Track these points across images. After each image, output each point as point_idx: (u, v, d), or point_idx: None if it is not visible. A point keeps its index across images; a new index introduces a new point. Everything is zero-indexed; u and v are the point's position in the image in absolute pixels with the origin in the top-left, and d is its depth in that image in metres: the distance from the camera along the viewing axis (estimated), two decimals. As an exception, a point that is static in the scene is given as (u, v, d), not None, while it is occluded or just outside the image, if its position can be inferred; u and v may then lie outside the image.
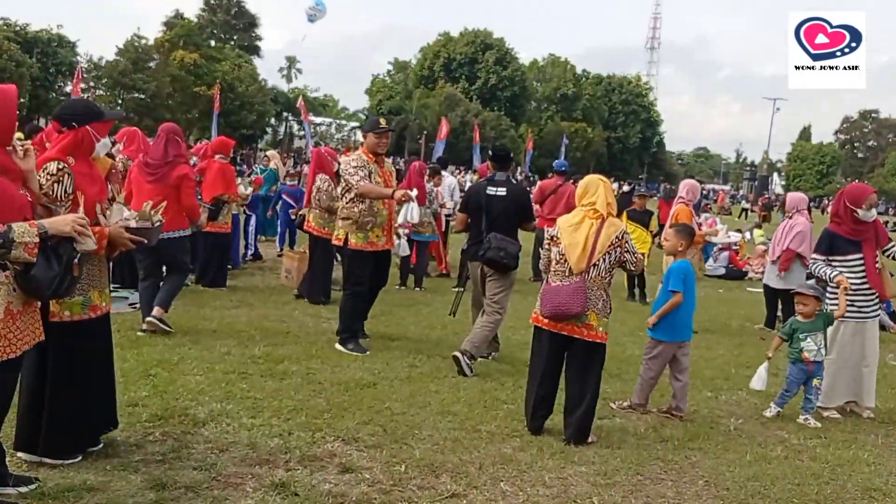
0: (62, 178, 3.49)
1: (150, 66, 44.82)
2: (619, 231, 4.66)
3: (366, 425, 4.55)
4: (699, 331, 8.28)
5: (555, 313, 4.57)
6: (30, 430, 3.61)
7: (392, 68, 75.05)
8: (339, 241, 6.41)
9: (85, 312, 3.68)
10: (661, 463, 4.38)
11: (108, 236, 3.59)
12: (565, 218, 4.80)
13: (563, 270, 4.63)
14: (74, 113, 3.67)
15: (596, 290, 4.59)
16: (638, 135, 77.79)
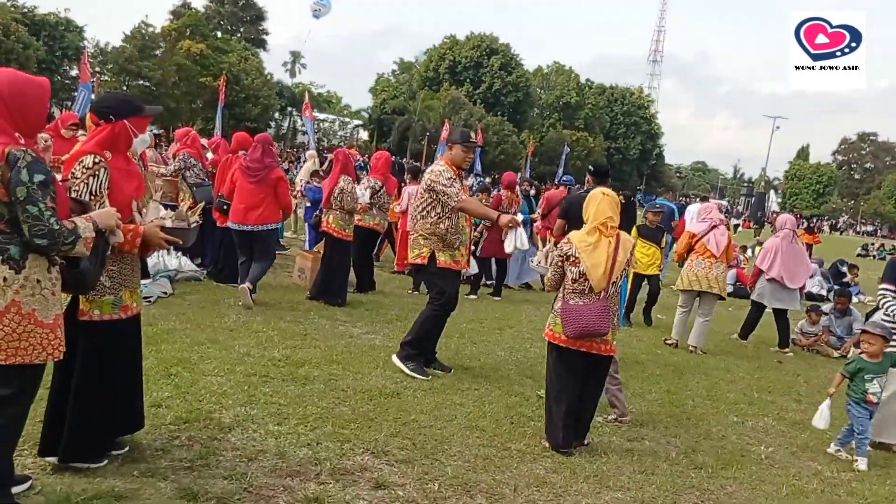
0: (98, 172, 3.36)
1: (156, 54, 44.43)
2: (632, 247, 4.73)
3: (394, 438, 4.42)
4: (718, 353, 8.21)
5: (582, 334, 4.53)
6: (55, 433, 3.46)
7: (397, 68, 74.92)
8: (423, 260, 5.84)
9: (115, 312, 3.54)
10: (698, 492, 4.26)
11: (142, 235, 3.46)
12: (579, 237, 4.66)
13: (581, 289, 4.58)
14: (111, 106, 3.52)
15: (613, 306, 4.64)
16: (638, 146, 77.88)
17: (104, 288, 3.44)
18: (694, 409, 5.93)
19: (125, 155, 3.56)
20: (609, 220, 4.61)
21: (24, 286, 2.85)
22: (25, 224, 2.77)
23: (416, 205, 5.97)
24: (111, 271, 3.46)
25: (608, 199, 4.69)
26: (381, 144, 59.17)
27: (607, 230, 4.60)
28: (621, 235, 4.64)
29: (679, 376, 6.91)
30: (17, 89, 2.88)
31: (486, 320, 8.27)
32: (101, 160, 3.38)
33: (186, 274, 8.30)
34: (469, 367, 6.25)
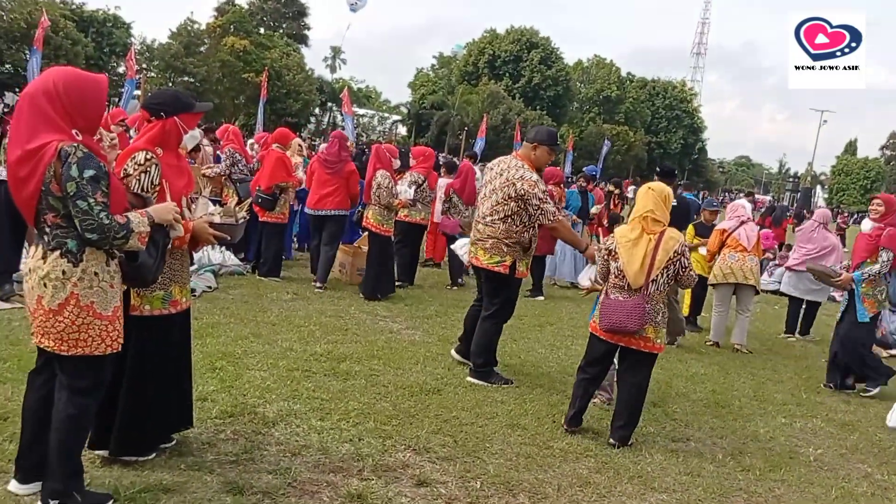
0: (150, 169, 3.39)
1: (200, 50, 45.07)
2: (678, 245, 4.56)
3: (435, 435, 4.41)
4: (764, 352, 8.05)
5: (613, 329, 4.60)
6: (104, 427, 3.52)
7: (436, 62, 74.87)
8: (505, 269, 5.48)
9: (165, 307, 3.58)
10: (745, 495, 4.18)
11: (192, 230, 3.50)
12: (623, 232, 4.68)
13: (622, 285, 4.60)
14: (163, 102, 3.55)
15: (655, 304, 4.58)
16: (680, 141, 76.69)
17: (154, 283, 3.49)
18: (741, 409, 5.83)
19: (176, 151, 3.60)
20: (650, 214, 4.56)
21: (81, 279, 2.91)
22: (76, 218, 2.83)
23: (493, 207, 5.45)
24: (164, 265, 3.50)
25: (652, 193, 4.65)
26: (420, 139, 59.28)
27: (649, 226, 4.55)
28: (666, 234, 4.55)
29: (724, 376, 6.79)
30: (75, 87, 2.93)
31: (527, 317, 8.22)
32: (153, 156, 3.42)
33: (230, 268, 8.41)
34: (509, 364, 6.22)
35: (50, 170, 2.82)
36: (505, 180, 5.43)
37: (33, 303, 2.94)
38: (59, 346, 2.94)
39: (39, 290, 2.90)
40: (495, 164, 5.69)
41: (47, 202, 2.86)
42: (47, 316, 2.91)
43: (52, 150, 2.81)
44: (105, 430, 3.51)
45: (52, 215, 2.87)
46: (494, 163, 5.73)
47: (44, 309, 2.91)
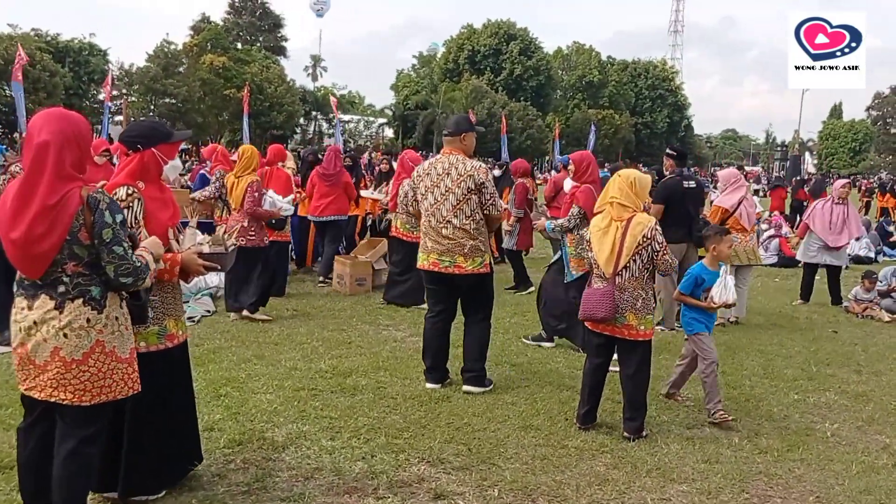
0: (132, 204, 3.31)
1: (179, 70, 44.99)
2: (647, 229, 4.52)
3: (449, 444, 4.36)
4: (769, 327, 8.00)
5: (586, 317, 4.65)
6: (111, 468, 3.44)
7: (417, 62, 74.79)
8: (487, 269, 5.41)
9: (161, 342, 3.49)
10: (766, 478, 4.13)
11: (181, 262, 3.43)
12: (595, 222, 4.72)
13: (599, 274, 4.64)
14: (139, 135, 3.46)
15: (633, 291, 4.56)
16: (665, 119, 76.72)
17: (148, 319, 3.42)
18: (752, 389, 5.78)
19: (159, 183, 3.52)
20: (615, 200, 4.58)
21: (106, 325, 2.90)
22: (111, 265, 2.82)
23: (455, 207, 5.23)
24: (153, 301, 3.41)
25: (618, 180, 4.67)
26: (407, 140, 59.20)
27: (616, 213, 4.57)
28: (634, 220, 4.53)
29: (733, 356, 6.74)
30: (85, 130, 2.93)
31: (529, 313, 8.15)
32: (135, 191, 3.34)
33: (228, 290, 8.32)
34: (517, 363, 6.17)
35: (79, 219, 2.78)
36: (457, 176, 5.21)
37: (45, 356, 2.85)
38: (81, 398, 2.88)
39: (56, 341, 2.83)
40: (430, 166, 5.39)
41: (71, 251, 2.81)
42: (68, 368, 2.84)
43: (76, 199, 2.77)
44: (111, 471, 3.44)
45: (73, 264, 2.83)
46: (428, 166, 5.42)
47: (63, 361, 2.84)
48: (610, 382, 5.06)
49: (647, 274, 4.61)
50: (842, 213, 9.19)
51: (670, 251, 7.39)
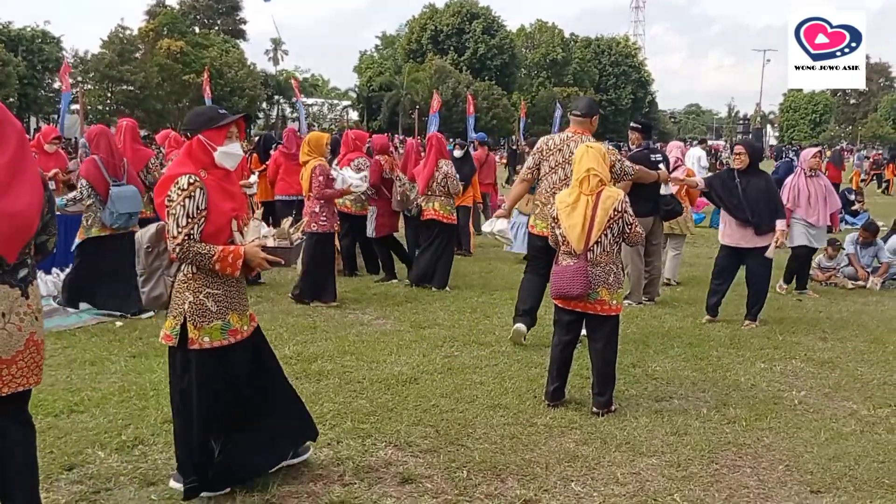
0: (193, 193, 3.17)
1: (136, 56, 43.93)
2: (618, 202, 4.48)
3: (416, 427, 4.28)
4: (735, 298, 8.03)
5: (560, 295, 4.57)
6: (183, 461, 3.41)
7: (380, 43, 74.07)
8: None
9: (224, 337, 3.33)
10: (735, 448, 4.12)
11: (244, 256, 3.25)
12: (562, 198, 4.63)
13: (569, 251, 4.55)
14: (186, 122, 3.44)
15: (605, 266, 4.51)
16: (630, 96, 77.01)
17: (211, 313, 3.28)
18: (719, 359, 5.78)
19: (222, 172, 3.33)
20: (591, 172, 4.48)
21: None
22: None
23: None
24: (216, 295, 3.29)
25: (591, 150, 4.58)
26: (372, 122, 58.73)
27: (589, 186, 4.47)
28: (603, 192, 4.47)
29: (699, 328, 6.76)
30: None
31: (497, 291, 8.11)
32: (196, 180, 3.19)
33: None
34: (485, 342, 6.10)
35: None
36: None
37: (19, 345, 2.67)
38: (39, 377, 2.80)
39: (32, 327, 2.71)
40: (563, 143, 5.80)
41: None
42: (39, 349, 2.75)
43: None
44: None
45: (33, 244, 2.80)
46: (560, 142, 5.81)
47: (36, 344, 2.74)
48: (579, 358, 5.03)
49: (617, 248, 4.57)
50: (816, 186, 8.21)
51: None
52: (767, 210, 6.72)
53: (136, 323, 6.49)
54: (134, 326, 6.36)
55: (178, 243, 3.16)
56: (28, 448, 2.83)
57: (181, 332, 3.26)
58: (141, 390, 4.76)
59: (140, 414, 4.38)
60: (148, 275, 3.36)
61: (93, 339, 5.95)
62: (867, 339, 6.46)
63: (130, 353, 5.58)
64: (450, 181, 8.23)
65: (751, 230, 6.74)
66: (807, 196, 8.07)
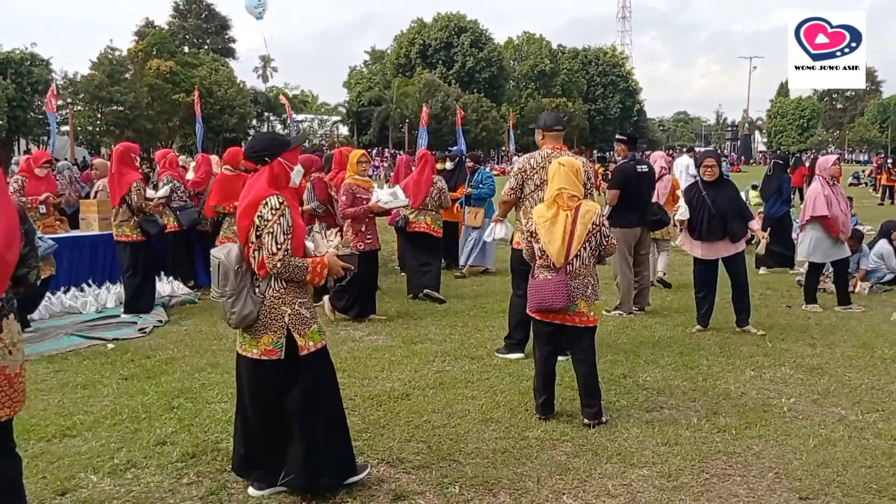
0: (284, 212, 3.44)
1: (126, 77, 43.97)
2: (596, 216, 4.58)
3: (408, 443, 4.30)
4: (724, 305, 8.06)
5: (541, 308, 4.62)
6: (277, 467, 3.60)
7: (369, 59, 74.34)
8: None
9: (322, 338, 3.68)
10: (725, 457, 4.15)
11: (328, 264, 3.56)
12: (540, 211, 4.68)
13: (547, 265, 4.61)
14: (264, 148, 3.59)
15: (583, 279, 4.59)
16: (618, 105, 77.54)
17: (308, 320, 3.56)
18: (709, 368, 5.82)
19: (291, 191, 3.63)
20: (563, 191, 4.56)
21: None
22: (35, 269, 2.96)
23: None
24: (306, 303, 3.58)
25: (563, 169, 4.65)
26: (363, 137, 58.88)
27: (564, 202, 4.56)
28: (582, 207, 4.56)
29: (689, 336, 6.81)
30: None
31: (489, 304, 8.15)
32: (284, 200, 3.46)
33: (181, 298, 8.16)
34: (476, 356, 6.13)
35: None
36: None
37: None
38: (14, 409, 2.76)
39: (4, 360, 2.69)
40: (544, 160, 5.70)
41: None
42: (11, 382, 2.72)
43: None
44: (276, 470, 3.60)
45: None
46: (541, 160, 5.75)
47: (9, 378, 2.71)
48: (570, 370, 5.05)
49: (594, 260, 4.65)
50: (839, 195, 7.84)
51: (626, 235, 7.64)
52: (741, 216, 6.87)
53: (128, 345, 6.49)
54: (125, 349, 6.36)
55: (280, 259, 3.40)
56: (8, 477, 2.81)
57: (287, 344, 3.49)
58: (133, 413, 4.77)
59: (132, 437, 4.38)
60: (237, 295, 3.48)
61: (84, 362, 5.95)
62: (855, 344, 6.51)
63: (122, 376, 5.59)
64: (443, 196, 8.58)
65: (727, 240, 6.83)
66: (836, 205, 7.71)
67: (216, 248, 3.63)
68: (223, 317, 3.54)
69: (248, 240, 3.48)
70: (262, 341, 3.51)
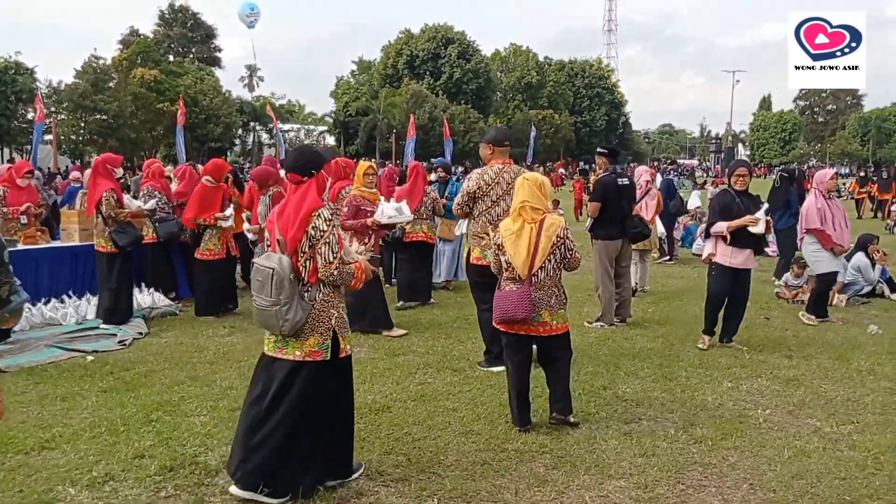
0: (335, 222, 3.73)
1: (110, 86, 43.70)
2: (560, 229, 4.67)
3: (388, 455, 4.32)
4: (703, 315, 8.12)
5: (504, 319, 4.69)
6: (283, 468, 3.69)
7: (356, 69, 74.41)
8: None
9: (352, 343, 3.99)
10: (701, 468, 4.20)
11: (365, 269, 3.85)
12: (506, 225, 4.77)
13: (512, 276, 4.69)
14: (310, 161, 3.77)
15: (547, 290, 4.68)
16: (604, 117, 77.96)
17: (347, 323, 3.84)
18: (688, 379, 5.88)
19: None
20: (526, 204, 4.65)
21: None
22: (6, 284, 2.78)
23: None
24: (344, 308, 3.84)
25: (527, 183, 4.74)
26: (349, 147, 58.87)
27: (528, 215, 4.64)
28: (546, 220, 4.64)
29: (669, 348, 6.86)
30: None
31: (472, 315, 8.13)
32: (334, 211, 3.79)
33: (161, 310, 8.12)
34: (458, 368, 6.15)
35: None
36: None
37: None
38: None
39: None
40: (497, 175, 5.88)
41: None
42: None
43: None
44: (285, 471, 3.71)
45: None
46: (495, 175, 5.89)
47: None
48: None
49: (559, 272, 4.73)
50: (836, 209, 7.94)
51: (607, 247, 7.71)
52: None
53: (108, 357, 6.46)
54: (105, 361, 6.33)
55: (336, 266, 3.66)
56: None
57: (333, 346, 3.72)
58: (112, 426, 4.75)
59: (111, 450, 4.37)
60: (290, 302, 3.61)
61: (64, 375, 5.92)
62: (831, 356, 6.59)
63: (101, 388, 5.56)
64: (436, 205, 8.83)
65: (750, 251, 6.75)
66: (831, 218, 7.79)
67: (262, 259, 3.74)
68: (270, 324, 3.66)
69: (300, 249, 3.64)
70: (308, 343, 3.68)
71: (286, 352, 3.72)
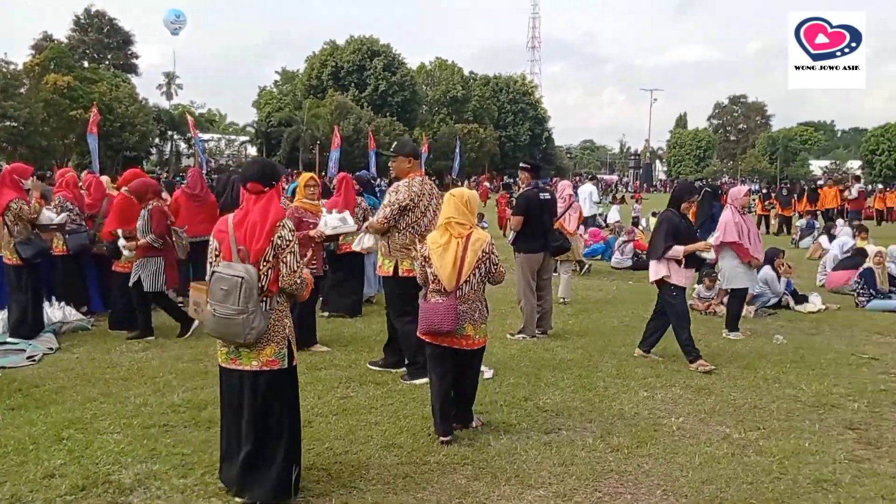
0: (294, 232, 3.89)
1: (20, 92, 41.84)
2: (486, 244, 4.80)
3: (308, 471, 4.26)
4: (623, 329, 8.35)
5: (429, 330, 4.77)
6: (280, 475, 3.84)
7: (280, 79, 73.50)
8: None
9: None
10: (617, 475, 4.32)
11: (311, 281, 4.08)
12: (434, 238, 4.87)
13: (438, 289, 4.78)
14: (273, 173, 3.87)
15: (472, 303, 4.79)
16: (528, 132, 79.25)
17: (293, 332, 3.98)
18: (606, 389, 6.03)
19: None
20: (452, 220, 4.78)
21: None
22: None
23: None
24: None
25: (453, 199, 4.87)
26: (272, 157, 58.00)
27: (454, 230, 4.76)
28: (472, 235, 4.76)
29: (589, 359, 7.03)
30: None
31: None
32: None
33: (73, 325, 7.82)
34: (381, 381, 6.14)
35: None
36: (438, 194, 6.12)
37: None
38: None
39: None
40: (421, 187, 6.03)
41: None
42: None
43: None
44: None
45: None
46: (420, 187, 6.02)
47: None
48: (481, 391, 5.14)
49: (483, 286, 4.84)
50: (751, 224, 8.33)
51: (529, 260, 7.87)
52: None
53: (16, 373, 6.18)
54: (13, 377, 6.05)
55: (300, 275, 3.78)
56: None
57: (288, 354, 3.82)
58: (20, 445, 4.55)
59: (18, 470, 4.19)
60: (257, 310, 3.64)
61: (-35, 393, 5.63)
62: (740, 365, 6.88)
63: (8, 406, 5.32)
64: (367, 215, 8.52)
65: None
66: (747, 232, 8.04)
67: (224, 268, 3.67)
68: (232, 333, 3.63)
69: (263, 259, 3.68)
70: (265, 353, 3.73)
71: (240, 362, 3.75)
